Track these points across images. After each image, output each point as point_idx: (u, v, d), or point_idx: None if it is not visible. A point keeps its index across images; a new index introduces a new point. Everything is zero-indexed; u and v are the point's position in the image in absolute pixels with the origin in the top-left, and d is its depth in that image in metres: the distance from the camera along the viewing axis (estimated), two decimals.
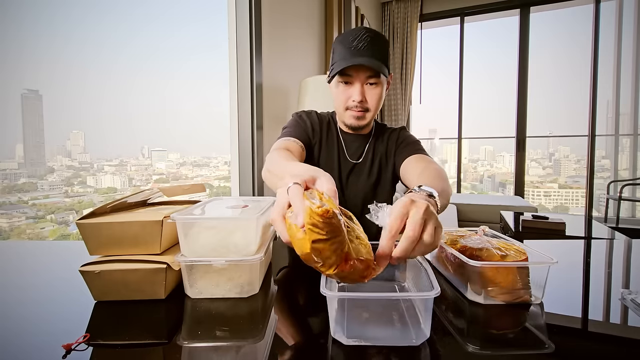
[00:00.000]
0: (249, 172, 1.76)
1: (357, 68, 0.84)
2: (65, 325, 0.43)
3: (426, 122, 4.95)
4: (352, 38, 0.83)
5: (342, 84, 0.88)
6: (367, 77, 0.86)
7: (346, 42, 0.84)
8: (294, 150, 0.84)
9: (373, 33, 0.84)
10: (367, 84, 0.87)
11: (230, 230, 0.50)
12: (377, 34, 0.85)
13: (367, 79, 0.86)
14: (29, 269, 0.67)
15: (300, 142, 0.89)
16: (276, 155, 0.75)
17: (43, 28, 1.36)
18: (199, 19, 1.88)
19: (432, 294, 0.36)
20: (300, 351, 0.37)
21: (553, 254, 0.48)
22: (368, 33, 0.84)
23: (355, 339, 0.38)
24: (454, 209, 3.02)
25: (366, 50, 0.82)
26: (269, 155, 0.79)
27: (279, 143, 0.87)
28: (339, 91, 0.89)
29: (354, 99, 0.87)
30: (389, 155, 0.99)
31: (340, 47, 0.86)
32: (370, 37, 0.83)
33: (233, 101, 1.73)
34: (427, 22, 4.48)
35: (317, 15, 2.59)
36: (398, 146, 0.98)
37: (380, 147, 1.00)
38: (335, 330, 0.39)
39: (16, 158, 1.45)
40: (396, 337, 0.39)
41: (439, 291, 0.36)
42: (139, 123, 1.73)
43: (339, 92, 0.90)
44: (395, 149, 0.98)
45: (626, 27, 3.82)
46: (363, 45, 0.82)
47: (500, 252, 0.50)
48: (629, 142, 3.93)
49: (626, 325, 0.44)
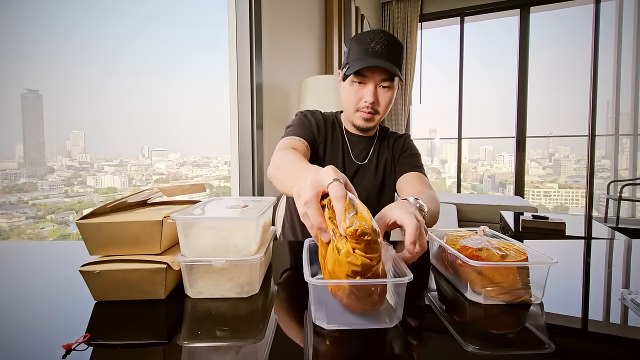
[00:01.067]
0: (249, 172, 1.76)
1: (372, 70, 0.85)
2: (65, 325, 0.43)
3: (426, 122, 4.95)
4: (370, 39, 0.84)
5: (356, 83, 0.88)
6: (382, 79, 0.86)
7: (363, 43, 0.84)
8: (300, 150, 0.84)
9: (390, 37, 0.85)
10: (380, 86, 0.87)
11: (231, 230, 0.50)
12: (393, 38, 0.86)
13: (381, 81, 0.86)
14: (29, 268, 0.67)
15: (305, 142, 0.89)
16: (286, 154, 0.75)
17: (43, 28, 1.36)
18: (200, 19, 1.88)
19: (406, 280, 0.41)
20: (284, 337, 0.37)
21: (553, 254, 0.48)
22: (385, 36, 0.84)
23: (335, 324, 0.41)
24: (454, 209, 3.02)
25: (383, 53, 0.83)
26: (276, 154, 0.79)
27: (284, 142, 0.86)
28: (352, 91, 0.89)
29: (366, 100, 0.87)
30: (394, 160, 1.00)
31: (356, 47, 0.86)
32: (388, 41, 0.84)
33: (233, 101, 1.73)
34: (427, 22, 4.49)
35: (317, 15, 2.59)
36: (401, 154, 1.00)
37: (385, 151, 1.01)
38: (316, 317, 0.42)
39: (16, 158, 1.45)
40: (372, 321, 0.43)
41: (411, 277, 0.41)
42: (139, 123, 1.73)
43: (351, 92, 0.89)
44: (399, 156, 1.00)
45: (626, 27, 3.82)
46: (380, 47, 0.83)
47: (500, 252, 0.50)
48: (629, 142, 3.93)
49: (626, 325, 0.44)
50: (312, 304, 0.42)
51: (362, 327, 0.41)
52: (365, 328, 0.41)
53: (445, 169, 5.01)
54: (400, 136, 1.05)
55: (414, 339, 0.40)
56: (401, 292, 0.42)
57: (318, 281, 0.41)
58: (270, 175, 0.76)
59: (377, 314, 0.44)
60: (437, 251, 0.61)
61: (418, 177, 0.92)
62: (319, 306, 0.42)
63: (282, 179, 0.69)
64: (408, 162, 0.97)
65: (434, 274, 0.60)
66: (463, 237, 0.56)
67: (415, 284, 0.57)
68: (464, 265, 0.48)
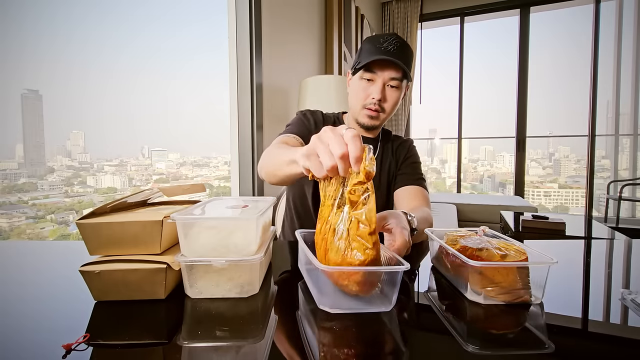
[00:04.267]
0: (249, 172, 1.76)
1: (382, 67, 0.86)
2: (65, 325, 0.43)
3: (426, 122, 4.96)
4: (383, 40, 0.86)
5: (365, 80, 0.88)
6: (391, 78, 0.87)
7: (376, 42, 0.86)
8: (293, 146, 0.85)
9: (402, 41, 0.87)
10: (389, 85, 0.88)
11: (231, 230, 0.50)
12: (405, 43, 0.87)
13: (390, 80, 0.87)
14: (29, 268, 0.67)
15: (300, 139, 0.89)
16: (276, 148, 0.76)
17: (44, 28, 1.36)
18: (200, 19, 1.88)
19: (403, 268, 0.44)
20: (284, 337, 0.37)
21: (553, 254, 0.48)
22: (398, 39, 0.86)
23: (338, 308, 0.45)
24: (454, 209, 3.02)
25: (394, 53, 0.84)
26: (266, 149, 0.80)
27: (278, 139, 0.87)
28: (360, 87, 0.90)
29: (373, 97, 0.87)
30: (397, 166, 1.01)
31: (368, 46, 0.88)
32: (400, 43, 0.86)
33: (233, 101, 1.73)
34: (427, 22, 4.49)
35: (317, 14, 2.59)
36: (404, 161, 1.01)
37: (389, 155, 1.01)
38: (322, 302, 0.45)
39: (16, 158, 1.45)
40: (371, 305, 0.46)
41: (408, 266, 0.44)
42: (139, 123, 1.73)
43: (359, 89, 0.90)
44: (401, 164, 1.01)
45: (626, 27, 3.82)
46: (392, 48, 0.84)
47: (500, 252, 0.50)
48: (629, 142, 3.93)
49: (626, 325, 0.44)
50: (318, 291, 0.46)
51: (362, 311, 0.45)
52: (365, 312, 0.45)
53: (445, 169, 5.01)
54: (404, 142, 1.05)
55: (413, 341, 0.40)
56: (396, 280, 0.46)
57: (329, 267, 0.45)
58: (260, 167, 0.76)
59: (371, 298, 0.47)
60: (437, 251, 0.61)
61: (417, 192, 0.93)
62: (325, 292, 0.46)
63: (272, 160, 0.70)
64: (409, 173, 0.98)
65: (434, 274, 0.60)
66: (463, 237, 0.56)
67: (415, 283, 0.57)
68: (464, 265, 0.48)
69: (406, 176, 0.97)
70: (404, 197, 0.93)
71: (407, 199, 0.92)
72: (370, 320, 0.43)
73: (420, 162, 1.03)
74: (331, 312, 0.44)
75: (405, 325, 0.43)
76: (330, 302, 0.45)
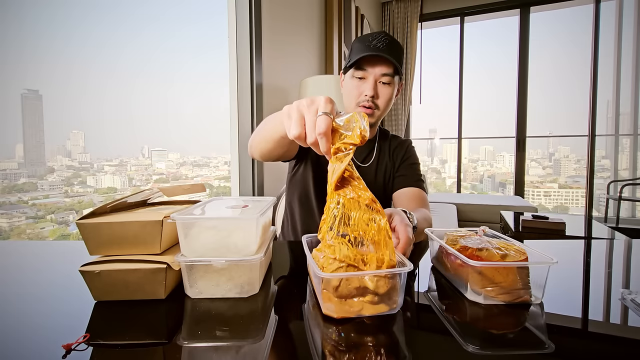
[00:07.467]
0: (249, 172, 1.76)
1: (372, 63, 0.87)
2: (65, 325, 0.43)
3: (426, 122, 4.96)
4: (372, 38, 0.87)
5: (356, 79, 0.89)
6: (382, 74, 0.87)
7: (365, 41, 0.88)
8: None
9: (391, 38, 0.88)
10: (380, 82, 0.88)
11: (231, 230, 0.50)
12: (394, 39, 0.89)
13: (381, 76, 0.88)
14: (29, 267, 0.67)
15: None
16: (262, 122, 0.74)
17: (43, 28, 1.36)
18: (200, 19, 1.88)
19: (406, 269, 0.44)
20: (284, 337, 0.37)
21: (553, 254, 0.48)
22: (386, 36, 0.88)
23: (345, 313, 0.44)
24: (454, 208, 3.02)
25: (384, 50, 0.86)
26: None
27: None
28: (352, 86, 0.90)
29: (366, 94, 0.88)
30: (394, 167, 1.02)
31: (358, 45, 0.89)
32: (389, 40, 0.87)
33: (233, 101, 1.73)
34: (427, 22, 4.49)
35: (317, 14, 2.59)
36: (402, 163, 1.02)
37: (386, 155, 1.01)
38: (327, 308, 0.44)
39: (16, 158, 1.45)
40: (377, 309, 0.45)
41: (411, 266, 0.44)
42: (139, 123, 1.73)
43: (352, 88, 0.91)
44: (399, 165, 1.01)
45: (626, 27, 3.82)
46: (381, 45, 0.86)
47: (500, 252, 0.50)
48: (629, 142, 3.93)
49: (626, 325, 0.44)
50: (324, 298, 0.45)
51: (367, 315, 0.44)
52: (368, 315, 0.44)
53: (445, 169, 5.01)
54: (403, 142, 1.05)
55: (413, 339, 0.40)
56: (401, 281, 0.45)
57: (334, 275, 0.43)
58: (250, 144, 0.75)
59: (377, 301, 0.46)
60: (437, 251, 0.61)
61: (416, 194, 0.94)
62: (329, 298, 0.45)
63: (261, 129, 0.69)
64: (408, 174, 0.98)
65: (434, 274, 0.60)
66: (463, 237, 0.56)
67: (415, 283, 0.57)
68: (464, 265, 0.48)
69: (405, 178, 0.97)
70: (403, 199, 0.94)
71: (406, 200, 0.92)
72: (370, 320, 0.43)
73: (419, 163, 1.03)
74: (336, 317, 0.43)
75: (405, 325, 0.43)
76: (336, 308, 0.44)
